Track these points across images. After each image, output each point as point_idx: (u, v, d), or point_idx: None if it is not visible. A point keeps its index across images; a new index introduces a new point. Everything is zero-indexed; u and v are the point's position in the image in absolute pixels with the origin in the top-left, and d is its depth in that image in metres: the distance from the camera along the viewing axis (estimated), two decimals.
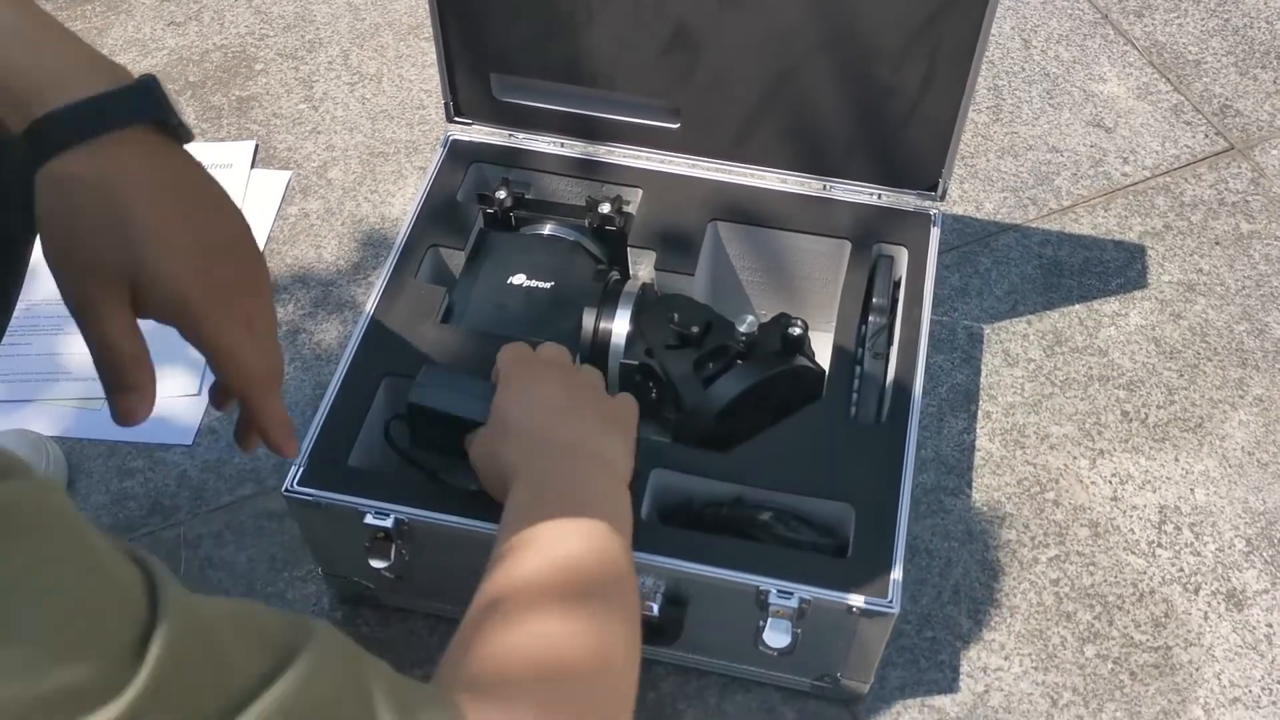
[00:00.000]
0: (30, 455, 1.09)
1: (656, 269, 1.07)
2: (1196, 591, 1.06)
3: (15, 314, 0.82)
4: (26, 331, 1.21)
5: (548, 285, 1.03)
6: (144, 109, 0.60)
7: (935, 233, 1.07)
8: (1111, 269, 1.31)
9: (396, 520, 0.89)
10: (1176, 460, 1.15)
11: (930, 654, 1.02)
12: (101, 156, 0.58)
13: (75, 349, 1.21)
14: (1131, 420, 1.18)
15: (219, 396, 0.70)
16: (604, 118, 1.11)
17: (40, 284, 1.23)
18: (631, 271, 1.09)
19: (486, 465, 0.81)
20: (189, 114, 1.44)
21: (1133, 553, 1.09)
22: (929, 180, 1.08)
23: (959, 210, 1.36)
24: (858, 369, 1.00)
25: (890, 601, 0.84)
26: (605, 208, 1.06)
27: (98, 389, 0.62)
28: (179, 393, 1.17)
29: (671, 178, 1.11)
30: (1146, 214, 1.36)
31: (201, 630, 0.43)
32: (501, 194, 1.08)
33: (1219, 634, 1.04)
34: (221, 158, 1.40)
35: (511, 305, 1.02)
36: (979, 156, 1.42)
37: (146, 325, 0.63)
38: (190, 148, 0.64)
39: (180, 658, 0.41)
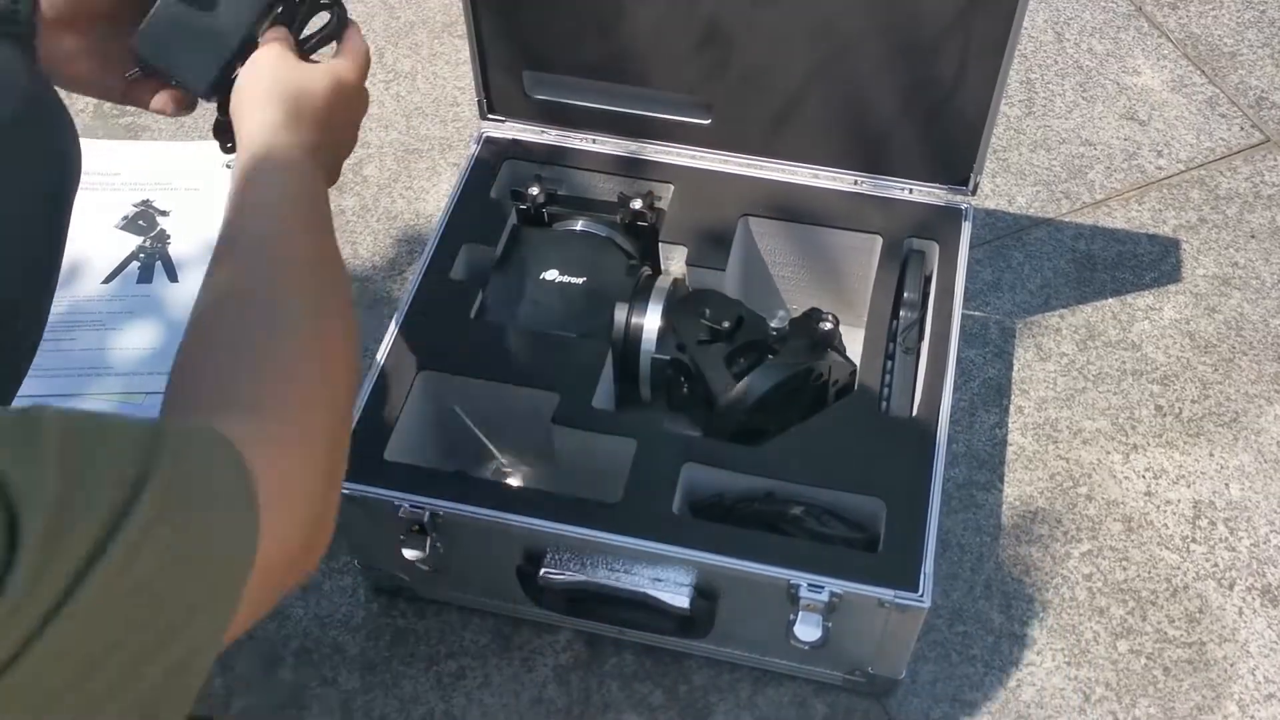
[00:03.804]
0: None
1: (688, 264, 1.07)
2: (1231, 587, 1.06)
3: (58, 311, 0.84)
4: (70, 327, 1.23)
5: (580, 281, 1.04)
6: None
7: (967, 227, 1.07)
8: (1145, 263, 1.30)
9: (430, 513, 0.90)
10: (1211, 455, 1.14)
11: (962, 648, 1.02)
12: None
13: (118, 344, 1.23)
14: (1165, 415, 1.17)
15: None
16: (636, 114, 1.12)
17: (83, 282, 1.26)
18: (663, 267, 1.09)
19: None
20: None
21: (1166, 548, 1.08)
22: (960, 175, 1.08)
23: (991, 204, 1.36)
24: (889, 364, 1.00)
25: (921, 595, 0.85)
26: (637, 203, 1.07)
27: (140, 384, 0.64)
28: None
29: (703, 173, 1.12)
30: (1181, 207, 1.35)
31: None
32: (534, 190, 1.09)
33: (1254, 630, 1.03)
34: None
35: (544, 301, 1.03)
36: (1011, 150, 1.42)
37: (172, 324, 0.64)
38: None
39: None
